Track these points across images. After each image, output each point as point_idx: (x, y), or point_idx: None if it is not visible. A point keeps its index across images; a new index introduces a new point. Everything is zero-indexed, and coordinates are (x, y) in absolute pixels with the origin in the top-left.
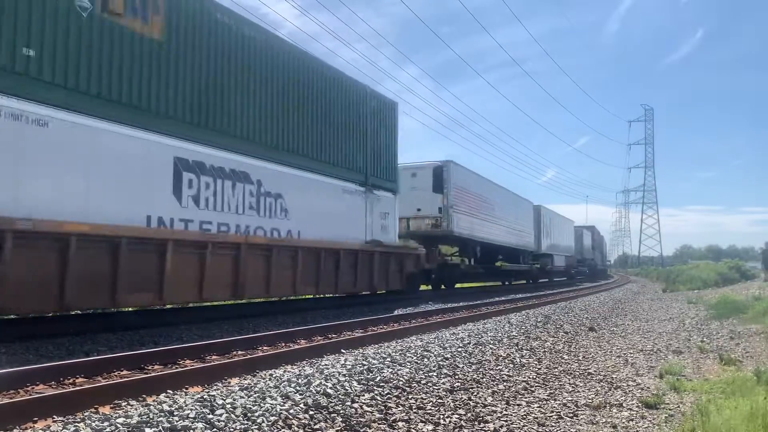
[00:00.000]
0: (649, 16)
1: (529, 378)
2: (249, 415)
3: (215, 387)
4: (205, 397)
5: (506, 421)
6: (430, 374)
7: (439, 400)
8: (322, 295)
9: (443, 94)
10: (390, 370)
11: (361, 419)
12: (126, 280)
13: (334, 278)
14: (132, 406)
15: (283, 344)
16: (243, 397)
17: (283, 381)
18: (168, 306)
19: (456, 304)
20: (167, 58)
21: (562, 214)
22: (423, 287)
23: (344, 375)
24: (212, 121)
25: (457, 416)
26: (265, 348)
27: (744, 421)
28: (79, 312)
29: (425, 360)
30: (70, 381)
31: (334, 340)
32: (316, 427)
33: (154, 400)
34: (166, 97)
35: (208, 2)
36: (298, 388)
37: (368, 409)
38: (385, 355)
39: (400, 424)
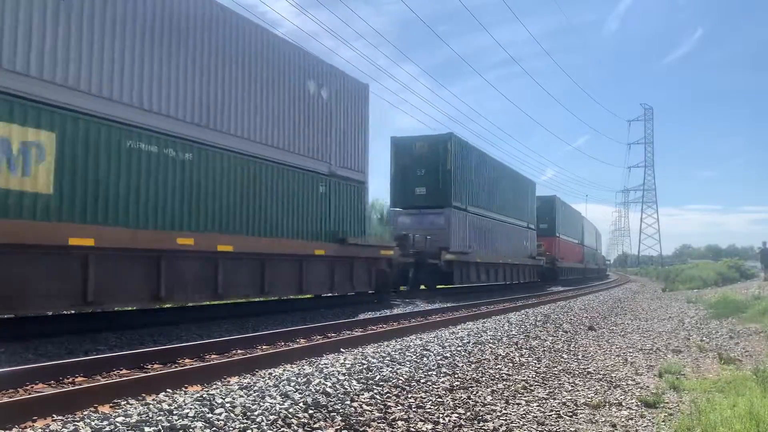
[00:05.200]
0: (648, 15)
1: (529, 377)
2: (248, 414)
3: (215, 386)
4: (204, 396)
5: (505, 420)
6: (430, 373)
7: (439, 399)
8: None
9: (442, 92)
10: (389, 369)
11: (361, 418)
12: None
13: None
14: (131, 405)
15: (283, 343)
16: (242, 396)
17: (283, 380)
18: (167, 305)
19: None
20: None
21: None
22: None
23: (343, 374)
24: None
25: (457, 415)
26: (264, 347)
27: (742, 420)
28: (77, 312)
29: (424, 359)
30: (70, 380)
31: (334, 339)
32: (316, 426)
33: (153, 399)
34: None
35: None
36: (297, 387)
37: (368, 408)
38: (384, 354)
39: (400, 423)
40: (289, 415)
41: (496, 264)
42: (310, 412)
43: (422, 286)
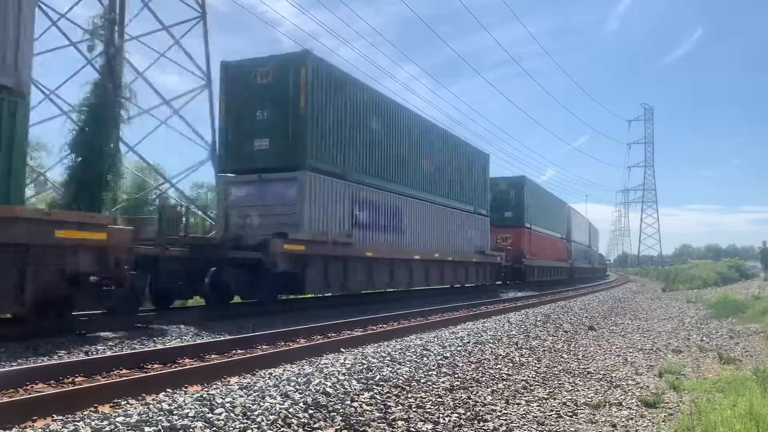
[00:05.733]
0: (648, 15)
1: (529, 377)
2: (248, 414)
3: (214, 386)
4: (204, 396)
5: (506, 420)
6: (430, 373)
7: (439, 399)
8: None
9: (442, 92)
10: (389, 369)
11: (361, 418)
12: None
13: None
14: (131, 405)
15: (283, 343)
16: (242, 396)
17: (283, 380)
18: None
19: None
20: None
21: None
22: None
23: (344, 374)
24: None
25: (457, 415)
26: (264, 347)
27: (742, 420)
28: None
29: (424, 359)
30: (70, 380)
31: (334, 339)
32: (316, 425)
33: (153, 399)
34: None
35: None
36: (297, 387)
37: (368, 407)
38: (384, 354)
39: (400, 423)
40: (289, 415)
41: (409, 261)
42: (310, 412)
43: (239, 298)
